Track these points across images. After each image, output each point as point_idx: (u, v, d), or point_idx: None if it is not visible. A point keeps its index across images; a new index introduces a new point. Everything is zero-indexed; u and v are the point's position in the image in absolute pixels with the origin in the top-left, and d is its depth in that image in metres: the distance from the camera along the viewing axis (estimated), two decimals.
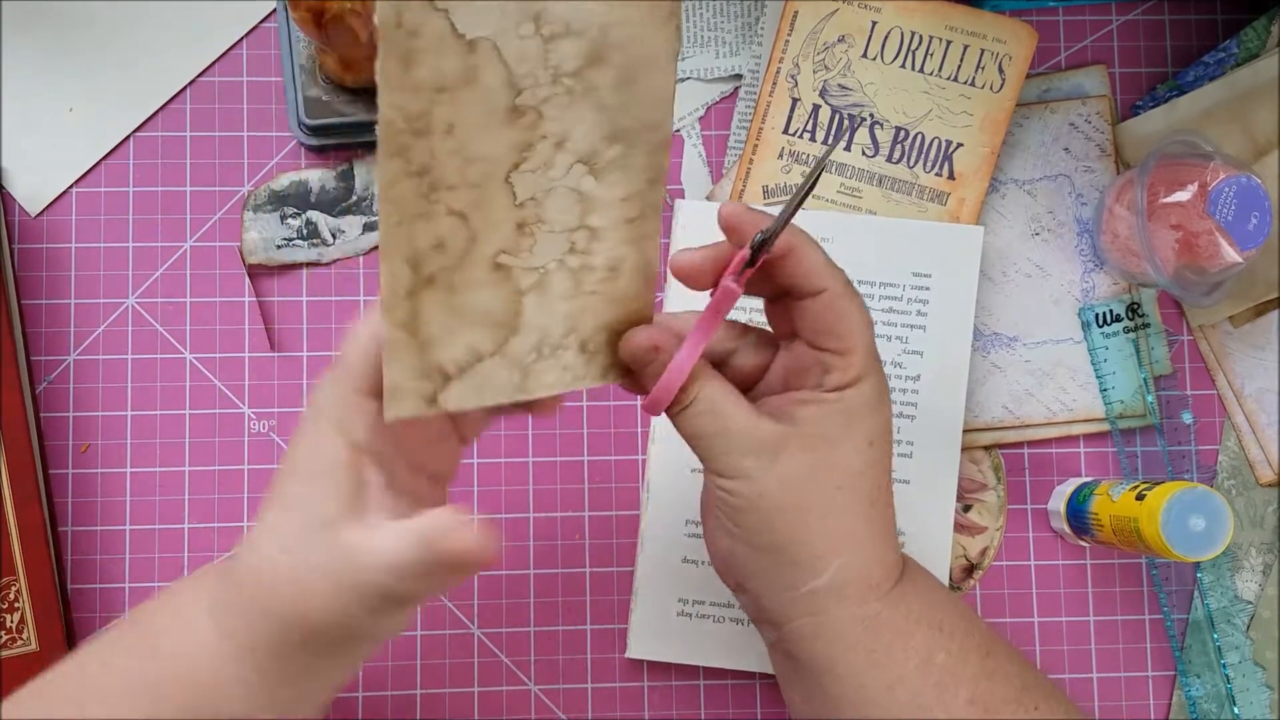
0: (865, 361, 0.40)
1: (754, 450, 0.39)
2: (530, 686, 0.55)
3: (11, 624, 0.52)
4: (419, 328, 0.35)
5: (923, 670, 0.40)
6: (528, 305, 0.37)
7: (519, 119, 0.34)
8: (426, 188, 0.33)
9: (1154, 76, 0.60)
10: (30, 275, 0.56)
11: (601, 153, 0.35)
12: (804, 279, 0.39)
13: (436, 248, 0.34)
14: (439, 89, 0.32)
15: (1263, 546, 0.57)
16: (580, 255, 0.37)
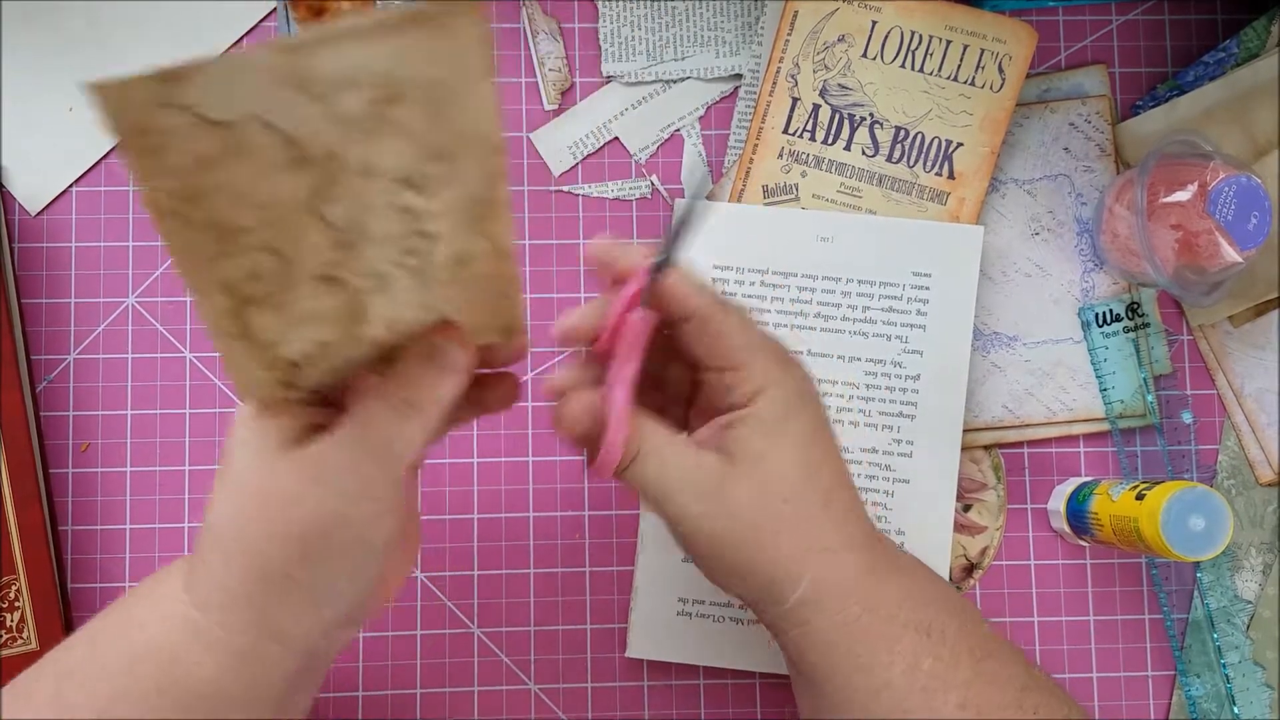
0: (764, 372, 0.40)
1: (698, 492, 0.39)
2: (530, 686, 0.55)
3: (12, 623, 0.52)
4: (254, 336, 0.34)
5: (909, 675, 0.39)
6: (369, 303, 0.35)
7: (309, 166, 0.31)
8: (216, 236, 0.31)
9: (1154, 76, 0.60)
10: (30, 274, 0.56)
11: (423, 171, 0.32)
12: (676, 306, 0.40)
13: (250, 278, 0.33)
14: (200, 165, 0.29)
15: (1262, 546, 0.57)
16: (420, 256, 0.34)
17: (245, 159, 0.30)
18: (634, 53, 0.58)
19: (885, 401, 0.55)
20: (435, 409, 0.37)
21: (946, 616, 0.41)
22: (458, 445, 0.56)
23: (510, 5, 0.58)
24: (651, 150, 0.58)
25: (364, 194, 0.32)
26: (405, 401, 0.36)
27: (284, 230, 0.32)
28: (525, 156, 0.57)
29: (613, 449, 0.39)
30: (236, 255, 0.32)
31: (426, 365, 0.37)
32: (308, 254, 0.33)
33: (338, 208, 0.32)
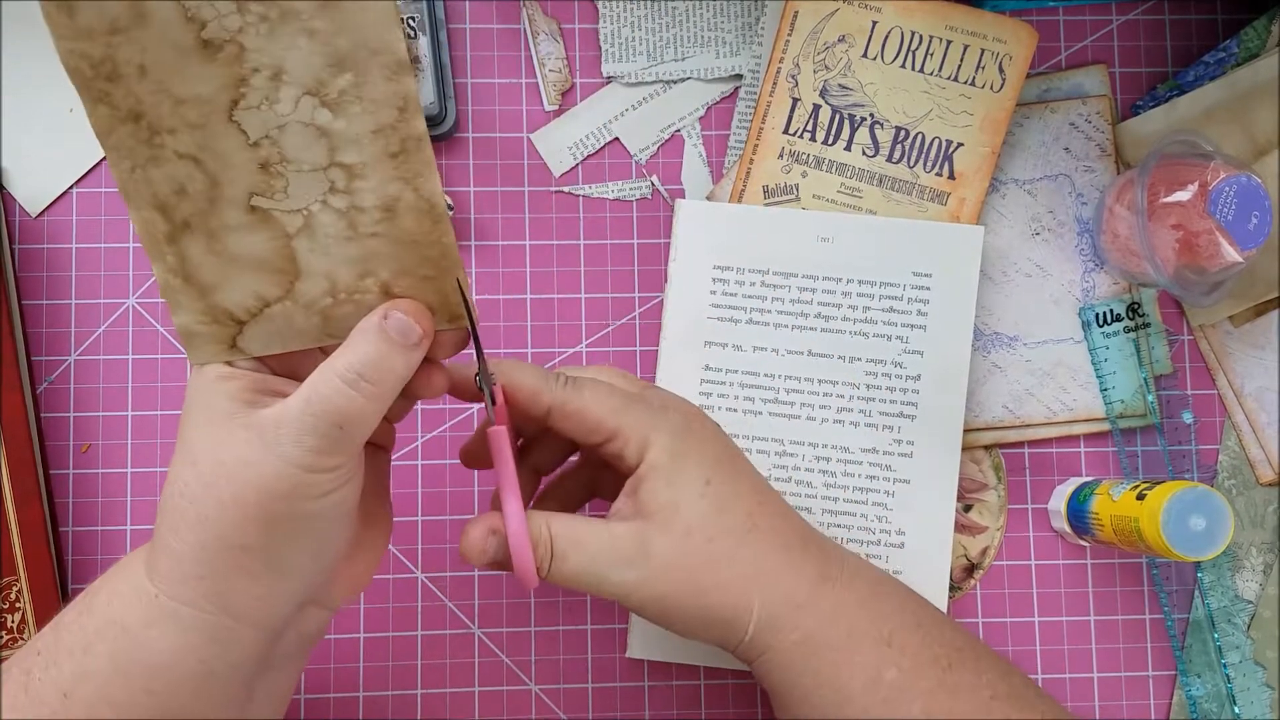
0: (639, 427, 0.40)
1: (626, 563, 0.40)
2: (531, 686, 0.55)
3: (13, 624, 0.52)
4: (191, 273, 0.35)
5: (870, 688, 0.40)
6: (300, 249, 0.35)
7: (216, 53, 0.32)
8: (145, 132, 0.33)
9: (1154, 76, 0.60)
10: (31, 275, 0.56)
11: (329, 83, 0.33)
12: (528, 406, 0.41)
13: (178, 193, 0.34)
14: (111, 31, 0.31)
15: (1263, 546, 0.57)
16: (344, 195, 0.35)
17: (152, 33, 0.31)
18: (634, 53, 0.58)
19: (886, 402, 0.55)
20: (388, 383, 0.36)
21: (909, 624, 0.41)
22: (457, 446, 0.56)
23: (510, 6, 0.58)
24: (652, 151, 0.58)
25: (276, 101, 0.33)
26: (357, 374, 0.35)
27: (206, 137, 0.33)
28: (526, 157, 0.57)
29: (525, 566, 0.39)
30: (163, 162, 0.33)
31: (379, 337, 0.36)
32: (231, 172, 0.34)
33: (253, 118, 0.33)
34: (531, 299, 0.57)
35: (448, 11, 0.57)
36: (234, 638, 0.36)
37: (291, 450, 0.35)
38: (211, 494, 0.35)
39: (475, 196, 0.57)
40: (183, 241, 0.35)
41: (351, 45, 0.32)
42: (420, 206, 0.35)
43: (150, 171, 0.33)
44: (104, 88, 0.32)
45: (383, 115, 0.34)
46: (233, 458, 0.35)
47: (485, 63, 0.58)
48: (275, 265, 0.35)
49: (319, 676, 0.55)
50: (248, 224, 0.35)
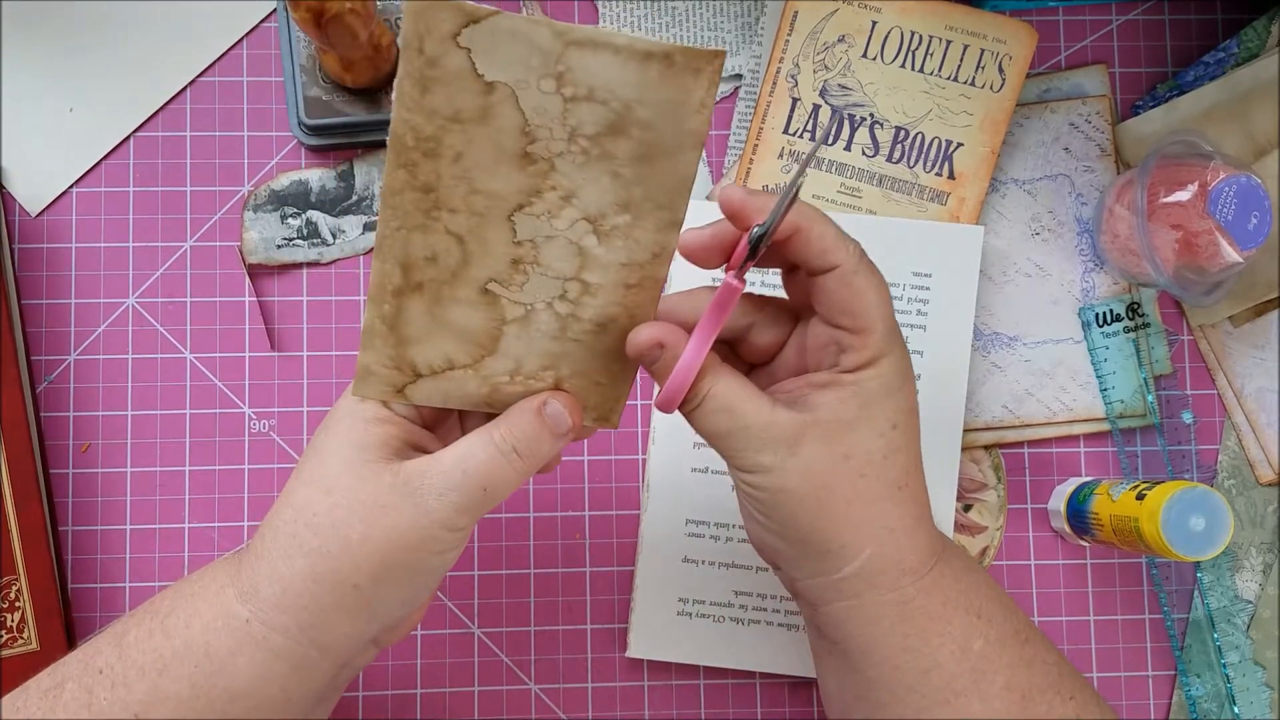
0: (883, 340, 0.38)
1: (771, 445, 0.38)
2: (530, 686, 0.55)
3: (12, 623, 0.52)
4: (400, 324, 0.37)
5: (959, 657, 0.39)
6: (508, 334, 0.38)
7: (529, 165, 0.35)
8: (429, 204, 0.35)
9: (1154, 76, 0.60)
10: (30, 275, 0.56)
11: (609, 217, 0.36)
12: (814, 257, 0.38)
13: (429, 259, 0.36)
14: (452, 118, 0.33)
15: (1263, 546, 0.57)
16: (570, 304, 0.38)
17: (487, 131, 0.34)
18: None
19: None
20: (535, 460, 0.38)
21: (992, 600, 0.41)
22: None
23: (510, 6, 0.58)
24: None
25: (556, 217, 0.36)
26: (513, 448, 0.38)
27: (480, 225, 0.36)
28: None
29: (678, 385, 0.38)
30: (431, 233, 0.35)
31: (540, 421, 0.38)
32: (485, 257, 0.36)
33: (529, 223, 0.36)
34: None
35: None
36: (316, 669, 0.37)
37: (434, 504, 0.36)
38: (340, 529, 0.36)
39: None
40: (408, 297, 0.37)
41: (643, 195, 0.36)
42: (628, 331, 0.39)
43: (414, 236, 0.36)
44: (415, 159, 0.34)
45: (638, 254, 0.37)
46: (373, 499, 0.36)
47: None
48: (478, 340, 0.38)
49: None
50: (475, 302, 0.37)
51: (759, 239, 0.37)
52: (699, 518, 0.55)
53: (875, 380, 0.38)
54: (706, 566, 0.55)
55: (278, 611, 0.36)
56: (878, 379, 0.38)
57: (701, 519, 0.55)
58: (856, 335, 0.38)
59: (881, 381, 0.38)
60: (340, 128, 0.55)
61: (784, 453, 0.38)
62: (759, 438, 0.38)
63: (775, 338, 0.42)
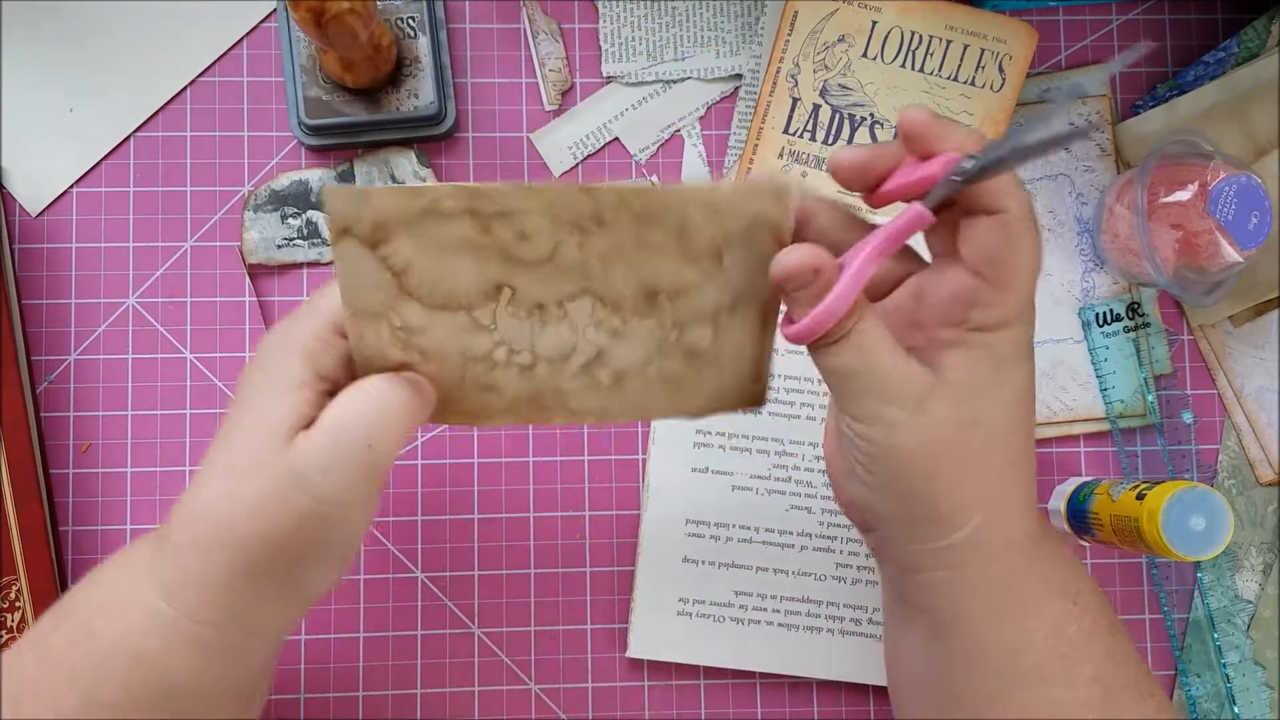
0: (1021, 304, 0.36)
1: (898, 399, 0.35)
2: (531, 686, 0.55)
3: (12, 623, 0.52)
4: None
5: (1051, 641, 0.37)
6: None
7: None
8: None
9: (1154, 76, 0.60)
10: (30, 275, 0.56)
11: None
12: (985, 195, 0.34)
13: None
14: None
15: (1263, 546, 0.57)
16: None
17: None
18: (634, 53, 0.58)
19: None
20: (422, 390, 0.37)
21: (1088, 588, 0.40)
22: (458, 445, 0.56)
23: (510, 6, 0.58)
24: (652, 151, 0.58)
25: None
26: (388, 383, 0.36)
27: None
28: (526, 157, 0.57)
29: (828, 316, 0.35)
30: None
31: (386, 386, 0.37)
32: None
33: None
34: None
35: (448, 11, 0.57)
36: (251, 653, 0.37)
37: (321, 487, 0.35)
38: (249, 524, 0.35)
39: None
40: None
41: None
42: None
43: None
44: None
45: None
46: (273, 493, 0.35)
47: (485, 63, 0.58)
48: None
49: (319, 676, 0.55)
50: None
51: (978, 172, 0.33)
52: (699, 518, 0.55)
53: (1008, 344, 0.36)
54: (707, 566, 0.55)
55: (203, 608, 0.35)
56: (1010, 343, 0.36)
57: (701, 519, 0.55)
58: (997, 290, 0.35)
59: (1014, 347, 0.36)
60: (340, 128, 0.55)
61: (909, 410, 0.35)
62: (887, 389, 0.35)
63: (896, 274, 0.38)
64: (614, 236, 0.36)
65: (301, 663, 0.55)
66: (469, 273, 0.35)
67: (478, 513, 0.56)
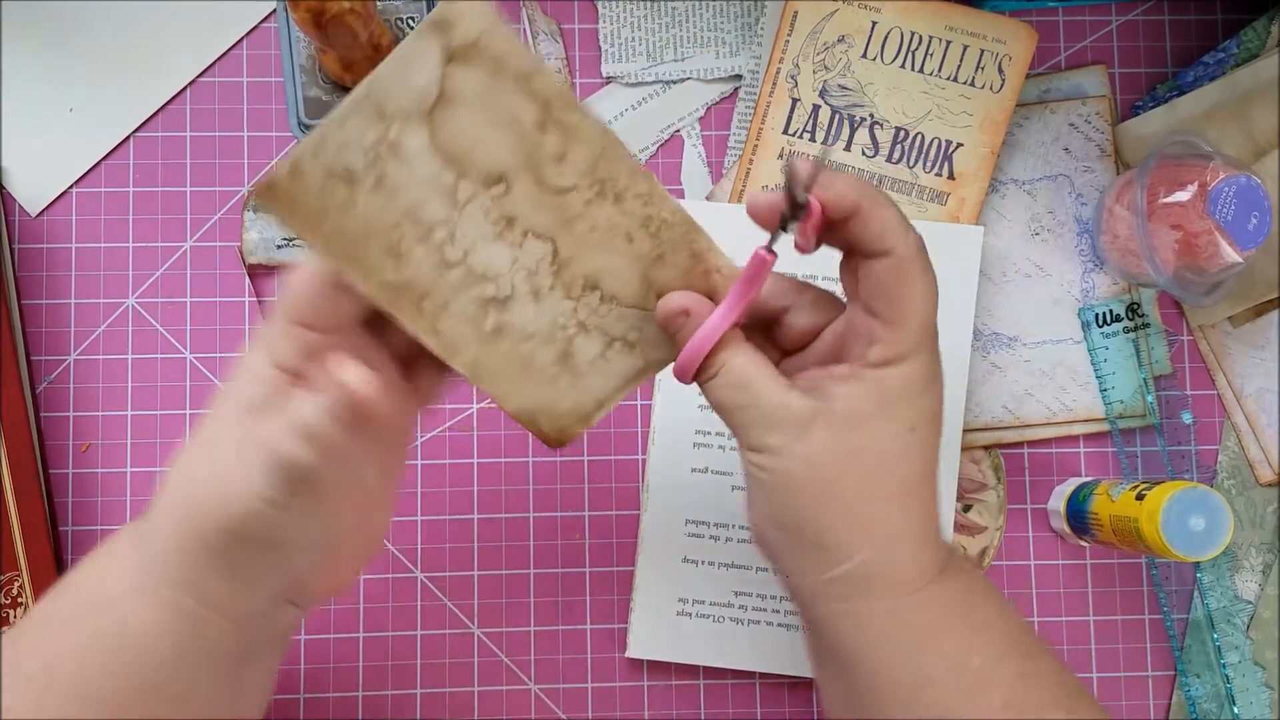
0: (916, 338, 0.37)
1: (780, 426, 0.37)
2: (530, 686, 0.55)
3: (15, 618, 0.52)
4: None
5: (955, 673, 0.38)
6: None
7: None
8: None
9: (1154, 77, 0.60)
10: (30, 275, 0.56)
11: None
12: (871, 239, 0.36)
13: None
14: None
15: (1262, 546, 0.57)
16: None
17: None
18: (634, 54, 0.58)
19: None
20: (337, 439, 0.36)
21: (995, 614, 0.40)
22: (458, 445, 0.56)
23: (510, 6, 0.58)
24: (652, 151, 0.58)
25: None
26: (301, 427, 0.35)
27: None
28: None
29: (693, 354, 0.37)
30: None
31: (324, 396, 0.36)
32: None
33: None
34: None
35: None
36: (206, 624, 0.36)
37: (256, 475, 0.35)
38: (204, 488, 0.35)
39: None
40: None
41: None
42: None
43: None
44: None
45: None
46: (232, 461, 0.35)
47: None
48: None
49: (319, 676, 0.55)
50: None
51: (792, 209, 0.36)
52: (699, 518, 0.55)
53: (898, 378, 0.37)
54: (706, 567, 0.55)
55: (162, 563, 0.36)
56: (901, 377, 0.37)
57: (701, 519, 0.55)
58: (889, 328, 0.37)
59: (904, 381, 0.37)
60: None
61: (792, 436, 0.37)
62: (770, 417, 0.37)
63: (811, 323, 0.40)
64: (620, 218, 0.35)
65: (301, 663, 0.55)
66: (496, 148, 0.33)
67: (477, 513, 0.56)
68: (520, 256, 0.35)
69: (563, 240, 0.35)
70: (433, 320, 0.36)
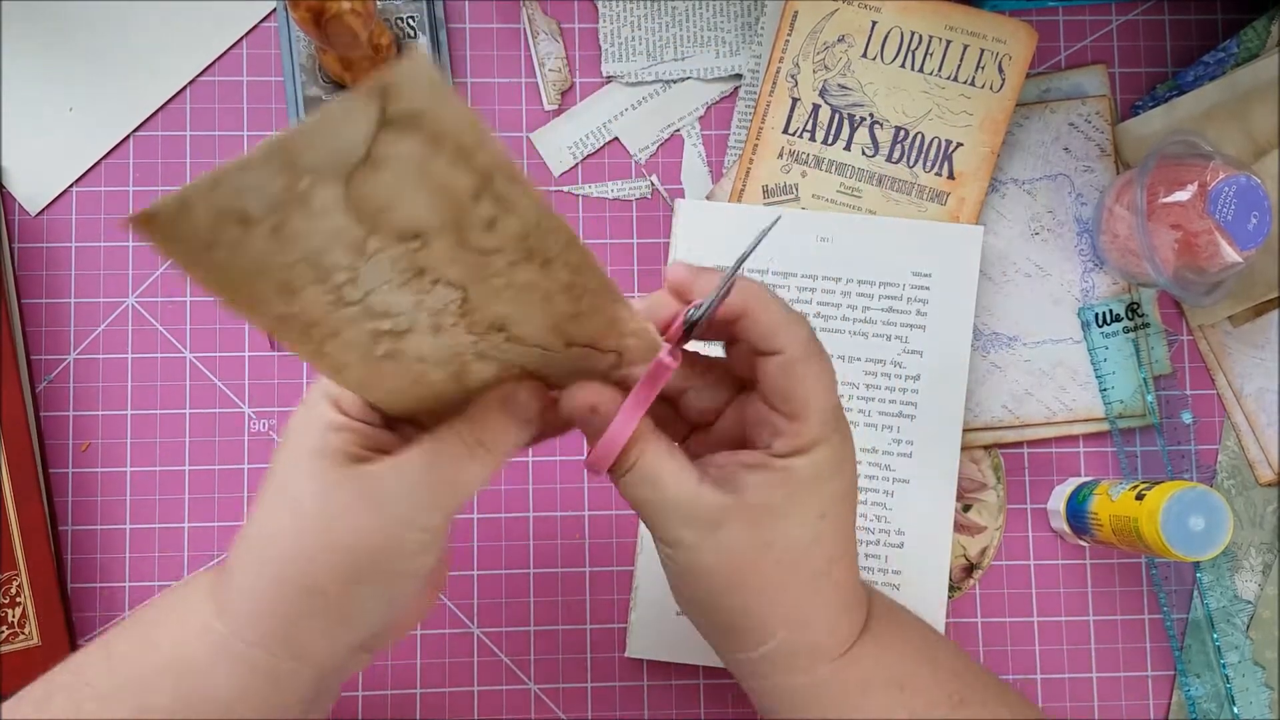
0: (820, 428, 0.38)
1: (692, 522, 0.37)
2: (530, 686, 0.55)
3: (13, 618, 0.52)
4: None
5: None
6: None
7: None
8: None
9: (1154, 76, 0.60)
10: (30, 274, 0.56)
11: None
12: (759, 341, 0.38)
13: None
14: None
15: (1262, 546, 0.57)
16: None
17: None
18: (634, 53, 0.58)
19: (885, 401, 0.55)
20: (504, 454, 0.37)
21: (923, 665, 0.40)
22: None
23: (510, 6, 0.58)
24: (651, 150, 0.58)
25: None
26: (478, 442, 0.36)
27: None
28: (525, 156, 0.57)
29: (605, 452, 0.38)
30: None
31: (503, 411, 0.37)
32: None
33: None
34: None
35: (448, 11, 0.58)
36: (295, 679, 0.37)
37: (399, 507, 0.35)
38: (305, 539, 0.35)
39: None
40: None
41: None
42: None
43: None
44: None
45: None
46: (337, 506, 0.35)
47: (485, 62, 0.58)
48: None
49: None
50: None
51: (694, 322, 0.37)
52: None
53: (806, 468, 0.38)
54: None
55: (251, 627, 0.36)
56: (809, 467, 0.38)
57: None
58: (789, 421, 0.38)
59: (813, 469, 0.38)
60: None
61: (704, 531, 0.37)
62: (681, 512, 0.37)
63: (712, 404, 0.41)
64: (543, 281, 0.33)
65: None
66: (417, 211, 0.30)
67: (477, 512, 0.56)
68: (426, 300, 0.33)
69: (475, 291, 0.33)
70: (319, 345, 0.34)
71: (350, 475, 0.35)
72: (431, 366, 0.35)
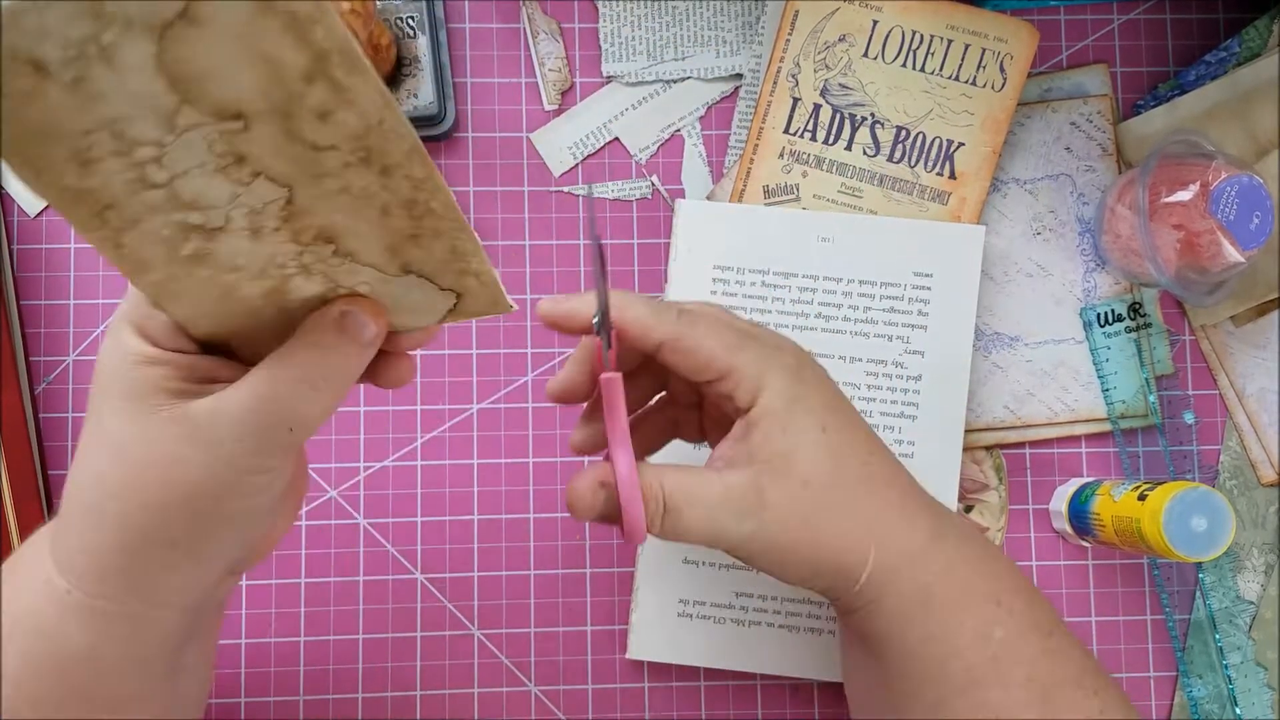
0: (754, 368, 0.39)
1: (741, 514, 0.38)
2: (530, 688, 0.55)
3: None
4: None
5: (978, 644, 0.39)
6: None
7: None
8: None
9: (1156, 75, 0.59)
10: (30, 276, 0.55)
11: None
12: (639, 341, 0.39)
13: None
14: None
15: (1265, 547, 0.57)
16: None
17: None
18: (634, 53, 0.58)
19: (886, 402, 0.55)
20: (346, 384, 0.34)
21: (1015, 589, 0.41)
22: (458, 445, 0.56)
23: (510, 5, 0.58)
24: (652, 150, 0.58)
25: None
26: (312, 376, 0.33)
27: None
28: (525, 157, 0.57)
29: (635, 521, 0.38)
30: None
31: (340, 334, 0.33)
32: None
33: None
34: (532, 299, 0.57)
35: (447, 11, 0.57)
36: (154, 623, 0.35)
37: (233, 450, 0.32)
38: (136, 493, 0.33)
39: (475, 196, 0.57)
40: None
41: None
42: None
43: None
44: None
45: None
46: (163, 455, 0.32)
47: (485, 62, 0.58)
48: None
49: (318, 677, 0.55)
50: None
51: (600, 323, 0.38)
52: None
53: (774, 403, 0.39)
54: (707, 568, 0.54)
55: (97, 582, 0.34)
56: (778, 396, 0.39)
57: None
58: (725, 381, 0.39)
59: (780, 400, 0.39)
60: None
61: (755, 514, 0.38)
62: (730, 514, 0.38)
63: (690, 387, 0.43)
64: (380, 191, 0.30)
65: (300, 665, 0.54)
66: (239, 85, 0.26)
67: (477, 514, 0.56)
68: (244, 195, 0.29)
69: (302, 191, 0.30)
70: (116, 233, 0.29)
71: (173, 417, 0.32)
72: (246, 279, 0.32)
